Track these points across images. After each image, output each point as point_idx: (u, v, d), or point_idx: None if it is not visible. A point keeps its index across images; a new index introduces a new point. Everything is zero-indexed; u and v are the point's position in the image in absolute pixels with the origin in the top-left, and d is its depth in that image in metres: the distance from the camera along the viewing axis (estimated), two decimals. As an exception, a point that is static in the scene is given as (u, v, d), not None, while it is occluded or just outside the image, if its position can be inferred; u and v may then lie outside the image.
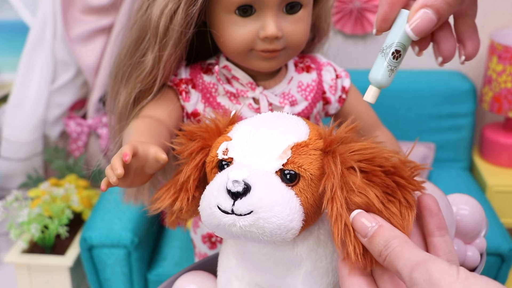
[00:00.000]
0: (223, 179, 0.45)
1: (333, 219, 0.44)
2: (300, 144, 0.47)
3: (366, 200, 0.44)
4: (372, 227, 0.42)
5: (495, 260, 1.16)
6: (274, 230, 0.44)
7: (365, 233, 0.42)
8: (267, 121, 0.50)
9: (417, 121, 1.44)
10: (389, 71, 0.41)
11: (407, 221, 0.44)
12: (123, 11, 1.35)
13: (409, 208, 0.45)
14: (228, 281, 0.55)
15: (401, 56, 0.40)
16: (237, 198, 0.44)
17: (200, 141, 0.52)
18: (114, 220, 1.20)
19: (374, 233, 0.41)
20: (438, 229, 0.45)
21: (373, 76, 0.42)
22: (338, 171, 0.45)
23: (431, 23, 0.38)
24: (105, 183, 0.50)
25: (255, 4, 0.63)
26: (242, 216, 0.44)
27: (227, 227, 0.45)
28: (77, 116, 1.52)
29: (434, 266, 0.37)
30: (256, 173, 0.45)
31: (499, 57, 1.36)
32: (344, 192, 0.44)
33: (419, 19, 0.38)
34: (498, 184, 1.40)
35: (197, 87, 0.71)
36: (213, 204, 0.45)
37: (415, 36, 0.39)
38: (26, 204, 1.35)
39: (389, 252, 0.40)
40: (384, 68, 0.41)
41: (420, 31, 0.38)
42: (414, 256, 0.38)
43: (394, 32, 0.40)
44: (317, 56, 0.78)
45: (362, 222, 0.42)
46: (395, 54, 0.40)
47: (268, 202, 0.44)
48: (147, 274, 1.23)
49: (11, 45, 1.52)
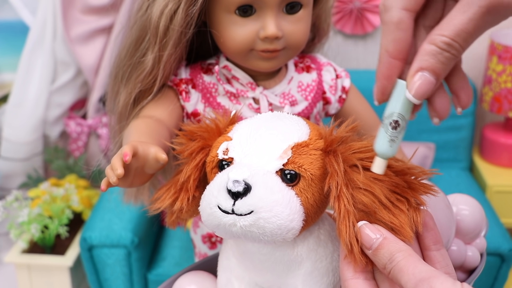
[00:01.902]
0: (223, 179, 0.45)
1: (341, 216, 0.44)
2: (301, 144, 0.47)
3: (372, 198, 0.43)
4: (377, 239, 0.42)
5: (495, 260, 1.16)
6: (274, 230, 0.44)
7: (370, 245, 0.42)
8: (268, 121, 0.50)
9: (417, 121, 1.44)
10: (390, 142, 0.42)
11: (415, 222, 0.44)
12: (123, 11, 1.35)
13: (417, 210, 0.44)
14: (228, 281, 0.55)
15: (401, 125, 0.41)
16: (238, 198, 0.44)
17: (200, 141, 0.52)
18: (114, 220, 1.20)
19: (379, 245, 0.41)
20: (434, 243, 0.45)
21: (377, 148, 0.43)
22: (341, 168, 0.44)
23: (430, 85, 0.38)
24: (105, 183, 0.50)
25: (255, 4, 0.63)
26: (243, 216, 0.44)
27: (227, 227, 0.45)
28: (77, 116, 1.52)
29: (438, 283, 0.37)
30: (256, 173, 0.44)
31: (499, 57, 1.36)
32: (350, 189, 0.44)
33: (418, 83, 0.38)
34: (498, 184, 1.40)
35: (197, 87, 0.71)
36: (214, 204, 0.45)
37: (417, 101, 0.39)
38: (26, 204, 1.35)
39: (394, 265, 0.40)
40: (385, 140, 0.42)
41: (421, 94, 0.38)
42: (418, 272, 0.38)
43: (392, 103, 0.41)
44: (317, 56, 0.78)
45: (367, 234, 0.42)
46: (394, 124, 0.41)
47: (269, 202, 0.43)
48: (147, 274, 1.23)
49: (11, 45, 1.52)
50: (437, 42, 0.36)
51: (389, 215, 0.43)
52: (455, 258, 0.59)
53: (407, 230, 0.43)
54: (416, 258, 0.40)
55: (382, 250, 0.41)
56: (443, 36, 0.36)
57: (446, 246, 0.56)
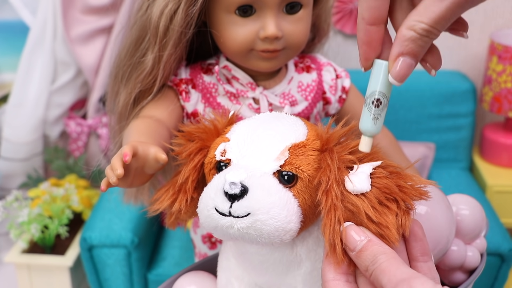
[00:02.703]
0: (220, 181, 0.45)
1: (327, 209, 0.43)
2: (298, 144, 0.46)
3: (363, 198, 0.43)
4: (361, 241, 0.41)
5: (495, 260, 1.16)
6: (271, 232, 0.44)
7: (354, 246, 0.41)
8: (265, 122, 0.50)
9: (417, 121, 1.44)
10: (373, 119, 0.43)
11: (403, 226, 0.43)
12: (123, 11, 1.35)
13: (407, 214, 0.44)
14: (228, 281, 0.55)
15: (383, 103, 0.42)
16: (235, 200, 0.43)
17: (198, 142, 0.52)
18: (114, 220, 1.20)
19: (363, 247, 0.41)
20: (421, 254, 0.44)
21: (362, 126, 0.44)
22: (334, 165, 0.44)
23: (411, 68, 0.40)
24: (105, 183, 0.50)
25: (255, 4, 0.63)
26: (240, 218, 0.43)
27: (224, 229, 0.44)
28: (77, 116, 1.52)
29: (418, 283, 0.37)
30: (253, 175, 0.44)
31: (499, 57, 1.35)
32: (341, 187, 0.44)
33: (399, 67, 0.40)
34: (498, 184, 1.40)
35: (197, 87, 0.71)
36: (211, 206, 0.45)
37: (398, 83, 0.41)
38: (26, 204, 1.35)
39: (376, 267, 0.40)
40: (369, 118, 0.43)
41: (402, 77, 0.40)
42: (399, 273, 0.38)
43: (373, 82, 0.42)
44: (317, 56, 0.78)
45: (351, 235, 0.42)
46: (376, 103, 0.42)
47: (266, 204, 0.43)
48: (147, 274, 1.23)
49: (11, 45, 1.52)
50: (416, 28, 0.38)
51: (376, 214, 0.42)
52: (455, 258, 0.59)
53: (393, 231, 0.42)
54: (399, 261, 0.40)
55: (365, 252, 0.41)
56: (423, 23, 0.37)
57: (446, 247, 0.56)
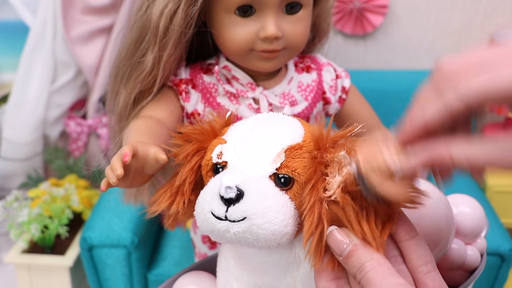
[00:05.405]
0: (216, 185, 0.44)
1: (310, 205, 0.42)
2: (294, 146, 0.46)
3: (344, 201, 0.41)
4: (347, 244, 0.41)
5: (495, 260, 1.15)
6: (268, 236, 0.43)
7: (340, 251, 0.41)
8: (261, 123, 0.49)
9: (417, 121, 1.43)
10: None
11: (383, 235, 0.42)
12: (123, 11, 1.35)
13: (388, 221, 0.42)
14: (228, 282, 0.55)
15: None
16: (230, 204, 0.43)
17: (196, 143, 0.51)
18: (114, 220, 1.20)
19: (348, 253, 0.41)
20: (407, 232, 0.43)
21: None
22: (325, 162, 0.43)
23: None
24: (105, 184, 0.49)
25: (255, 4, 0.63)
26: (236, 222, 0.43)
27: (221, 233, 0.44)
28: (77, 116, 1.52)
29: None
30: (249, 179, 0.44)
31: (499, 57, 1.35)
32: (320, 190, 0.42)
33: None
34: (498, 184, 1.40)
35: (197, 87, 0.71)
36: (207, 210, 0.44)
37: None
38: (26, 204, 1.35)
39: (363, 276, 0.39)
40: None
41: None
42: (385, 285, 0.38)
43: None
44: (317, 56, 0.78)
45: (337, 240, 0.41)
46: None
47: (262, 208, 0.43)
48: (147, 274, 1.23)
49: (11, 45, 1.52)
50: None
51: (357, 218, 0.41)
52: (455, 258, 0.59)
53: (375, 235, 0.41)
54: (386, 268, 0.39)
55: (351, 258, 0.40)
56: None
57: (446, 247, 0.56)
